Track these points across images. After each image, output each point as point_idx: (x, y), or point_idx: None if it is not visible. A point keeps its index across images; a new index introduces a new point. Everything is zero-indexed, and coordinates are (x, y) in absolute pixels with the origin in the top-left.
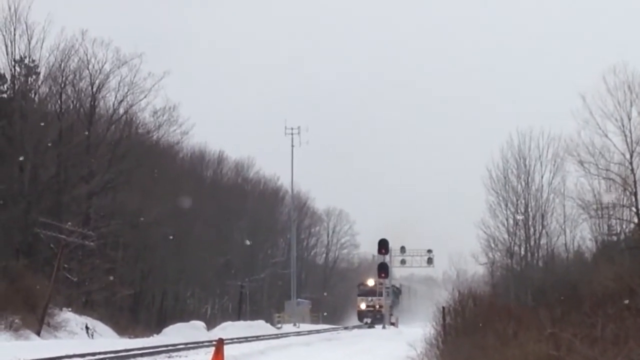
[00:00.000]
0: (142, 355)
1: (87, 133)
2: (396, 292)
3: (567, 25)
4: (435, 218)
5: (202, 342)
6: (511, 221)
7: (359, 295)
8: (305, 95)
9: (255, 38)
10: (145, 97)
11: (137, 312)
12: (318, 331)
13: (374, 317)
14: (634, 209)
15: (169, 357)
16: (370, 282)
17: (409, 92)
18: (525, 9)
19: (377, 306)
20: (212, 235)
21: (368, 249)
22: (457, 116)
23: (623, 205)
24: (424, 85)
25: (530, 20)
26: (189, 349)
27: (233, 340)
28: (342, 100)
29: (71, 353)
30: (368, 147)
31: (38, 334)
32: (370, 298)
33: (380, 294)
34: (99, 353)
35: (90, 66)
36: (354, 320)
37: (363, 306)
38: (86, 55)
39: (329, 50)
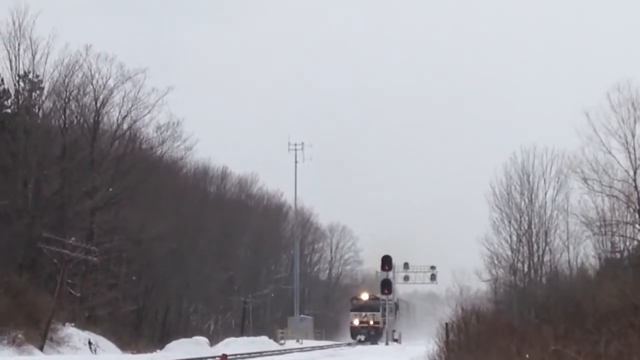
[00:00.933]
0: None
1: (90, 148)
2: (393, 308)
3: (572, 42)
4: (438, 234)
5: (205, 357)
6: (514, 238)
7: (352, 311)
8: (308, 111)
9: (259, 54)
10: (149, 112)
11: (140, 328)
12: (321, 347)
13: (368, 334)
14: (637, 226)
15: None
16: (364, 296)
17: (411, 108)
18: (530, 24)
19: (372, 322)
20: (215, 250)
21: (371, 265)
22: (460, 133)
23: (627, 223)
24: (426, 101)
25: (534, 36)
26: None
27: (236, 356)
28: (345, 115)
29: None
30: (371, 163)
31: (41, 349)
32: (364, 313)
33: (376, 309)
34: None
35: (94, 81)
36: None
37: (356, 322)
38: (90, 70)
39: (330, 66)
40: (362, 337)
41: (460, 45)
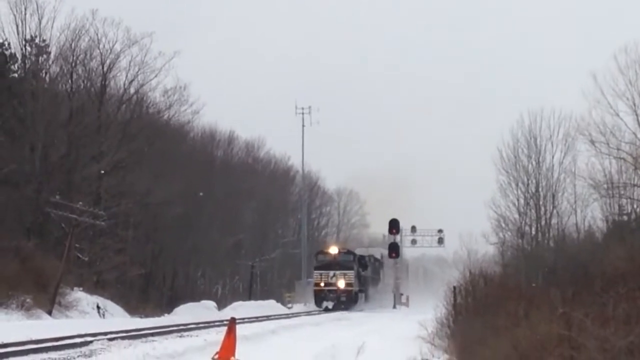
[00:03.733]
0: (153, 334)
1: (97, 113)
2: (375, 265)
3: (578, 4)
4: (445, 198)
5: (213, 321)
6: (522, 201)
7: (315, 269)
8: (316, 77)
9: (268, 19)
10: (155, 76)
11: (148, 292)
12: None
13: (337, 300)
14: None
15: (181, 336)
16: (333, 250)
17: (419, 73)
18: None
19: (342, 284)
20: (222, 215)
21: (379, 229)
22: (468, 97)
23: (634, 185)
24: (433, 66)
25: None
26: (200, 328)
27: (244, 320)
28: (354, 81)
29: (83, 332)
30: (377, 127)
31: (50, 313)
32: (332, 273)
33: (347, 267)
34: (111, 332)
35: (101, 46)
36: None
37: (322, 284)
38: (97, 34)
39: (339, 32)
40: (330, 304)
41: (470, 12)
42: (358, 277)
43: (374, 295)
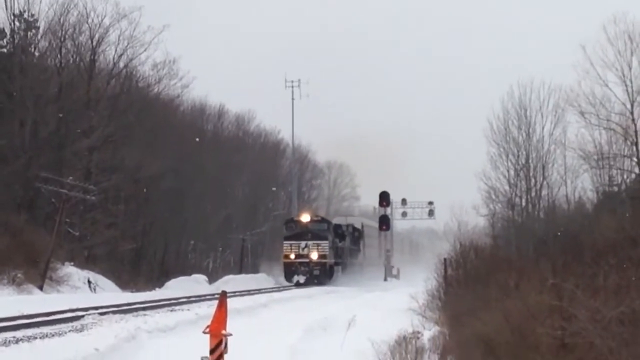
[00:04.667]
0: (144, 309)
1: (87, 87)
2: (355, 235)
3: None
4: (436, 170)
5: (205, 295)
6: (512, 172)
7: (285, 239)
8: (306, 50)
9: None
10: (145, 50)
11: (139, 266)
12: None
13: (310, 274)
14: (635, 159)
15: (172, 310)
16: (305, 218)
17: (407, 43)
18: None
19: (315, 255)
20: (213, 189)
21: (369, 201)
22: (458, 69)
23: (624, 156)
24: (425, 40)
25: None
26: (191, 302)
27: (235, 294)
28: (343, 55)
29: (74, 307)
30: (367, 100)
31: (41, 288)
32: (304, 243)
33: (321, 237)
34: (102, 307)
35: (90, 20)
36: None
37: (292, 256)
38: (85, 9)
39: (330, 7)
40: (301, 279)
41: None
42: (334, 249)
43: (352, 268)
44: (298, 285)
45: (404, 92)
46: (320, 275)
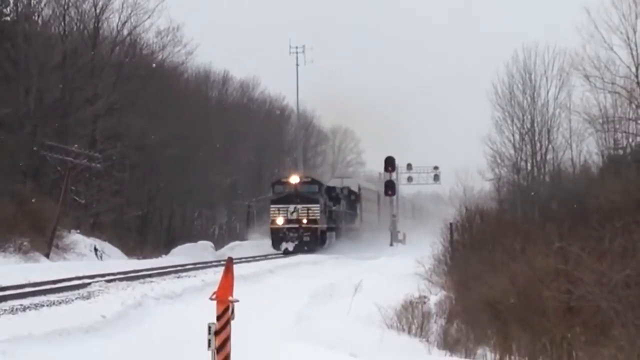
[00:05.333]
0: (151, 275)
1: (91, 55)
2: (351, 199)
3: None
4: (441, 134)
5: (211, 262)
6: (517, 137)
7: (272, 203)
8: (309, 16)
9: None
10: (148, 17)
11: (145, 234)
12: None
13: (300, 240)
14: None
15: (178, 277)
16: (294, 179)
17: (410, 9)
18: None
19: (305, 220)
20: (218, 155)
21: (374, 167)
22: (462, 32)
23: (629, 119)
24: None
25: None
26: (197, 269)
27: (241, 260)
28: (345, 19)
29: (81, 274)
30: (372, 64)
31: (47, 256)
32: (292, 207)
33: (312, 200)
34: (109, 274)
35: None
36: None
37: (280, 221)
38: None
39: None
40: (290, 246)
41: None
42: (327, 213)
43: (348, 234)
44: (287, 253)
45: (408, 56)
46: (310, 241)
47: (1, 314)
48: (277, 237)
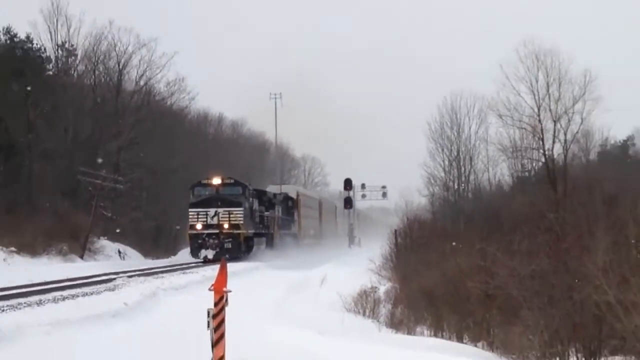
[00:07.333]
0: (162, 272)
1: (115, 101)
2: (288, 205)
3: (485, 6)
4: (388, 159)
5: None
6: (447, 162)
7: (191, 206)
8: (285, 69)
9: (244, 24)
10: (160, 71)
11: (157, 240)
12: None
13: (221, 247)
14: (541, 150)
15: (184, 273)
16: (215, 180)
17: (363, 60)
18: None
19: (226, 225)
20: None
21: (337, 186)
22: (403, 83)
23: (533, 148)
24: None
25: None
26: (199, 267)
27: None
28: (312, 70)
29: (108, 272)
30: (336, 104)
31: (81, 257)
32: (212, 211)
33: (235, 203)
34: (130, 271)
35: (117, 48)
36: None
37: (199, 226)
38: (113, 40)
39: (303, 36)
40: (210, 254)
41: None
42: (254, 217)
43: (284, 239)
44: (206, 261)
45: (361, 99)
46: (232, 248)
47: (46, 303)
48: (196, 243)
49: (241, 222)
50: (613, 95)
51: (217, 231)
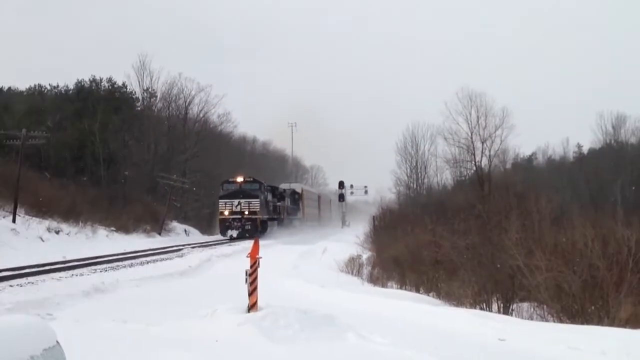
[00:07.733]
0: (215, 244)
1: (182, 128)
2: (295, 197)
3: (430, 55)
4: (369, 166)
5: (249, 238)
6: (409, 170)
7: (220, 198)
8: (300, 103)
9: (272, 76)
10: (213, 107)
11: (212, 222)
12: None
13: (242, 228)
14: (473, 162)
15: (230, 245)
16: (239, 179)
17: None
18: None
19: (247, 212)
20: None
21: (333, 187)
22: (381, 112)
23: (467, 161)
24: (360, 82)
25: (417, 54)
26: (241, 240)
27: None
28: (320, 104)
29: (177, 244)
30: (334, 129)
31: (159, 234)
32: (237, 201)
33: (252, 195)
34: (192, 244)
35: (184, 92)
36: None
37: (226, 212)
38: (182, 86)
39: (316, 82)
40: (234, 233)
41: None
42: (268, 206)
43: (292, 222)
44: (232, 239)
45: (354, 120)
46: (251, 229)
47: (136, 265)
48: (224, 226)
49: (257, 209)
50: (522, 123)
51: (239, 216)
